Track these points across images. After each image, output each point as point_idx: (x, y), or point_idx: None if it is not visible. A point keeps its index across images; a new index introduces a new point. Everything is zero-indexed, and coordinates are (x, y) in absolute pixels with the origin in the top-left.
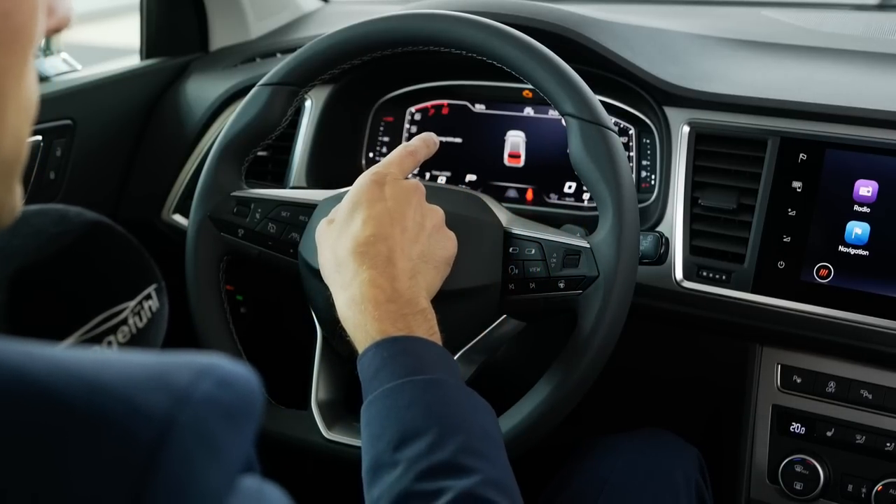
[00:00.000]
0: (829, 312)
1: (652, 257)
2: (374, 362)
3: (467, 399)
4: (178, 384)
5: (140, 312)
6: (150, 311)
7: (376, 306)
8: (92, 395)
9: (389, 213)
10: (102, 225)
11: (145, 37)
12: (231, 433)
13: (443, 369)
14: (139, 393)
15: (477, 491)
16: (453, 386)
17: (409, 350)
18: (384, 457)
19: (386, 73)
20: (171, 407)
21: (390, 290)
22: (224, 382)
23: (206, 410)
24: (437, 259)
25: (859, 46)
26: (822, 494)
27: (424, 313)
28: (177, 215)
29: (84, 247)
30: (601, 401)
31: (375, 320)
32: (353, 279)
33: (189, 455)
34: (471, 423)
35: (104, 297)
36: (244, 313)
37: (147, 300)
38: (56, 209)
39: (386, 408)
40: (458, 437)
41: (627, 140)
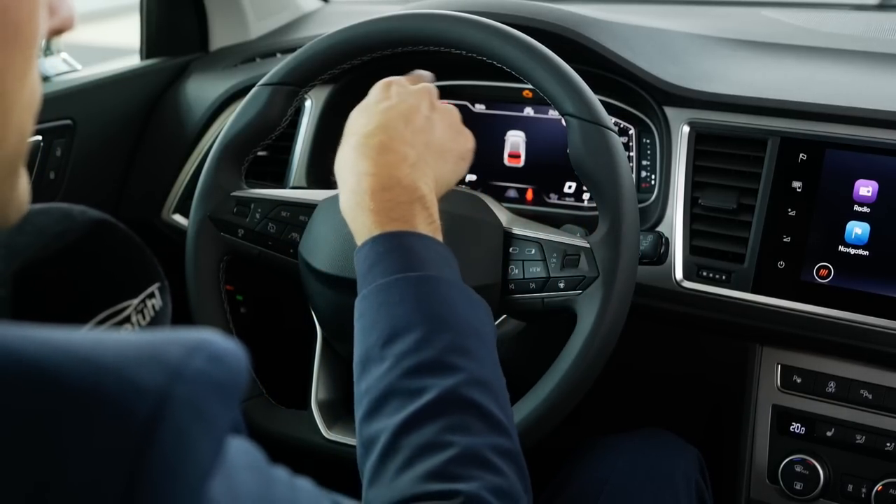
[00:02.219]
0: (829, 312)
1: (652, 257)
2: (370, 257)
3: (460, 296)
4: (171, 360)
5: (143, 311)
6: (154, 309)
7: (372, 196)
8: (86, 372)
9: (393, 107)
10: (106, 223)
11: (145, 37)
12: (222, 406)
13: (438, 265)
14: (133, 369)
15: (459, 390)
16: (447, 282)
17: (405, 245)
18: (373, 351)
19: (386, 73)
20: (165, 382)
21: (386, 178)
22: (215, 357)
23: (199, 385)
24: (448, 151)
25: (859, 46)
26: (822, 494)
27: (423, 201)
28: (177, 215)
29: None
30: (601, 401)
31: (371, 212)
32: (351, 172)
33: (183, 429)
34: (460, 321)
35: (107, 295)
36: (244, 313)
37: (150, 298)
38: (60, 207)
39: (378, 303)
40: (446, 336)
41: (627, 140)
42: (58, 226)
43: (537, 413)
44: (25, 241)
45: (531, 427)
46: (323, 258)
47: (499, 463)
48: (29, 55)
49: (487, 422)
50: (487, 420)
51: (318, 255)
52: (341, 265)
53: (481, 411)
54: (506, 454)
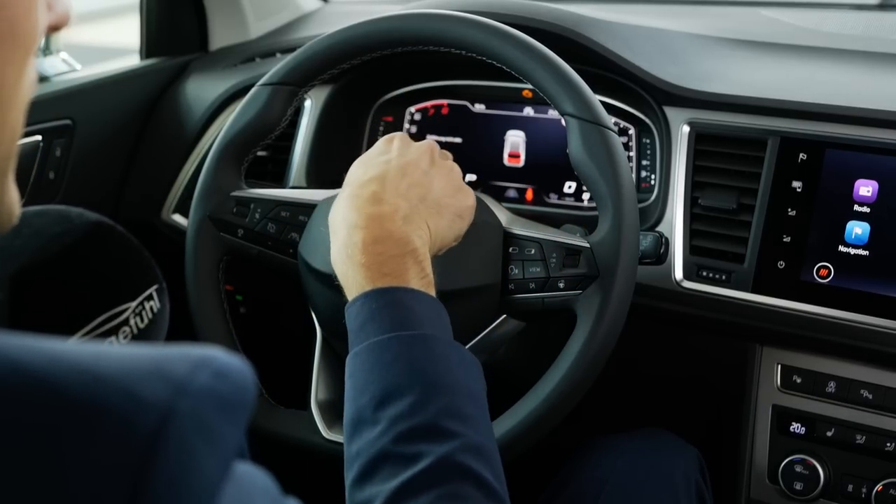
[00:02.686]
0: (829, 312)
1: (652, 257)
2: (362, 313)
3: (454, 355)
4: (176, 375)
5: (141, 313)
6: (152, 311)
7: (363, 249)
8: (90, 386)
9: (391, 160)
10: (104, 225)
11: (145, 37)
12: (227, 423)
13: (431, 323)
14: (138, 383)
15: (455, 457)
16: (441, 342)
17: (398, 302)
18: (365, 413)
19: (386, 73)
20: (169, 397)
21: (377, 230)
22: (220, 373)
23: (203, 401)
24: (445, 207)
25: (859, 46)
26: (822, 494)
27: (416, 254)
28: (176, 215)
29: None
30: (601, 401)
31: (362, 266)
32: (342, 225)
33: (188, 444)
34: (456, 383)
35: (106, 298)
36: (244, 313)
37: (148, 301)
38: (57, 210)
39: (370, 362)
40: (441, 398)
41: (627, 140)
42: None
43: (537, 413)
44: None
45: (531, 427)
46: (323, 258)
47: None
48: (27, 52)
49: (483, 490)
50: (483, 488)
51: (318, 255)
52: None
53: (477, 479)
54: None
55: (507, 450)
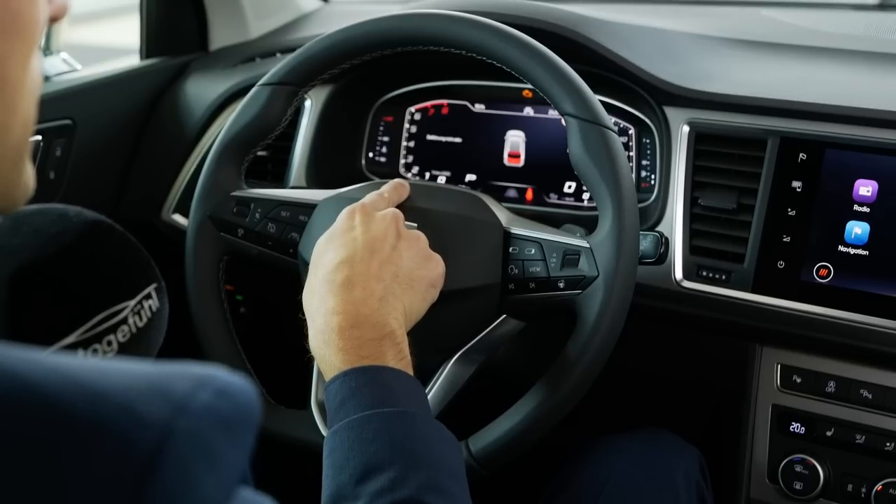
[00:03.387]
0: (829, 312)
1: (652, 257)
2: (342, 392)
3: (434, 433)
4: (176, 393)
5: (140, 312)
6: (151, 310)
7: (340, 334)
8: (91, 402)
9: (357, 239)
10: (102, 224)
11: (145, 37)
12: (229, 444)
13: (411, 401)
14: (138, 401)
15: None
16: (421, 419)
17: (377, 380)
18: (346, 489)
19: (386, 73)
20: (169, 415)
21: (354, 315)
22: (223, 393)
23: (204, 420)
24: (417, 280)
25: (859, 46)
26: (822, 494)
27: (393, 336)
28: (176, 215)
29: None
30: (601, 401)
31: (340, 350)
32: (319, 308)
33: (187, 464)
34: (436, 459)
35: (104, 296)
36: (244, 313)
37: (147, 300)
38: (55, 209)
39: (350, 439)
40: (421, 474)
41: (627, 140)
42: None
43: (537, 413)
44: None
45: (531, 427)
46: None
47: None
48: (31, 43)
49: None
50: None
51: None
52: None
53: None
54: None
55: (507, 450)
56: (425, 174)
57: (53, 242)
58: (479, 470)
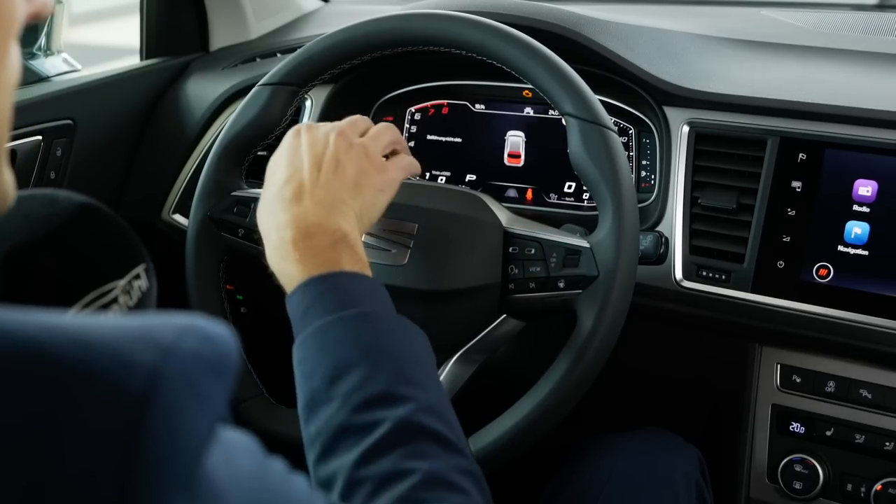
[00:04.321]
0: (829, 312)
1: (652, 257)
2: (303, 302)
3: (398, 328)
4: (162, 340)
5: (130, 291)
6: (140, 290)
7: (294, 246)
8: (82, 351)
9: (302, 154)
10: (90, 207)
11: (145, 37)
12: (214, 385)
13: (371, 301)
14: (127, 348)
15: (413, 419)
16: (383, 317)
17: (336, 286)
18: (319, 394)
19: (386, 73)
20: (158, 360)
21: (305, 226)
22: (205, 338)
23: (191, 363)
24: (365, 186)
25: (859, 46)
26: (822, 494)
27: (346, 240)
28: (177, 215)
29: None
30: (601, 401)
31: (296, 262)
32: (272, 225)
33: (177, 404)
34: (403, 352)
35: (94, 276)
36: (244, 313)
37: (136, 279)
38: (45, 193)
39: (316, 345)
40: (390, 368)
41: (627, 140)
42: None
43: (537, 413)
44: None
45: (531, 427)
46: None
47: (462, 483)
48: (7, 38)
49: (444, 445)
50: (444, 444)
51: None
52: None
53: (437, 436)
54: (467, 474)
55: (507, 450)
56: (425, 174)
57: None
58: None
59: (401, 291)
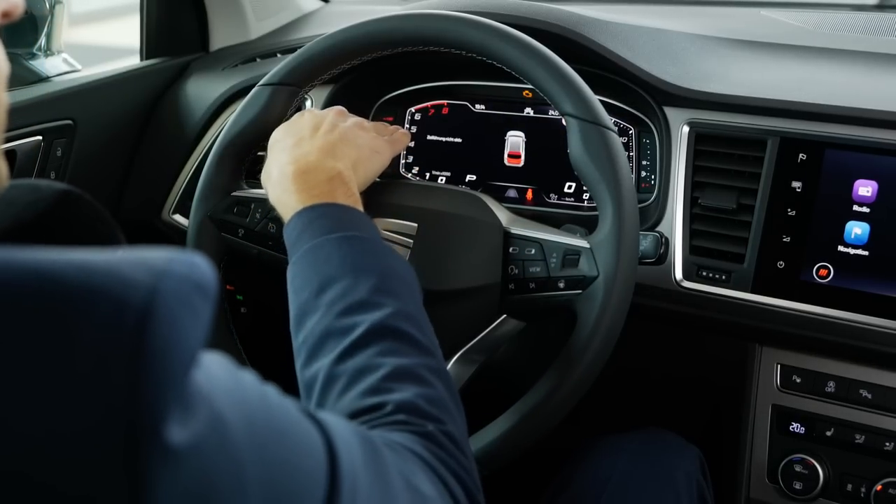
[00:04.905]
0: (829, 312)
1: (652, 257)
2: (297, 227)
3: (381, 250)
4: (156, 264)
5: None
6: None
7: (293, 180)
8: (83, 274)
9: (304, 121)
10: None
11: (145, 37)
12: (204, 302)
13: (361, 227)
14: (125, 270)
15: (388, 322)
16: (368, 239)
17: (328, 213)
18: (308, 304)
19: (386, 73)
20: (154, 278)
21: (303, 164)
22: (192, 264)
23: (183, 282)
24: (362, 145)
25: (859, 46)
26: (822, 494)
27: (341, 177)
28: (177, 215)
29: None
30: (601, 401)
31: (295, 192)
32: (275, 167)
33: (175, 316)
34: (383, 268)
35: None
36: (244, 313)
37: None
38: (27, 181)
39: (307, 263)
40: (371, 280)
41: (627, 140)
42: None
43: (537, 413)
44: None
45: (532, 427)
46: None
47: (429, 377)
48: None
49: (416, 347)
50: (415, 345)
51: None
52: None
53: (409, 338)
54: (435, 371)
55: (507, 450)
56: (425, 174)
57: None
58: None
59: None
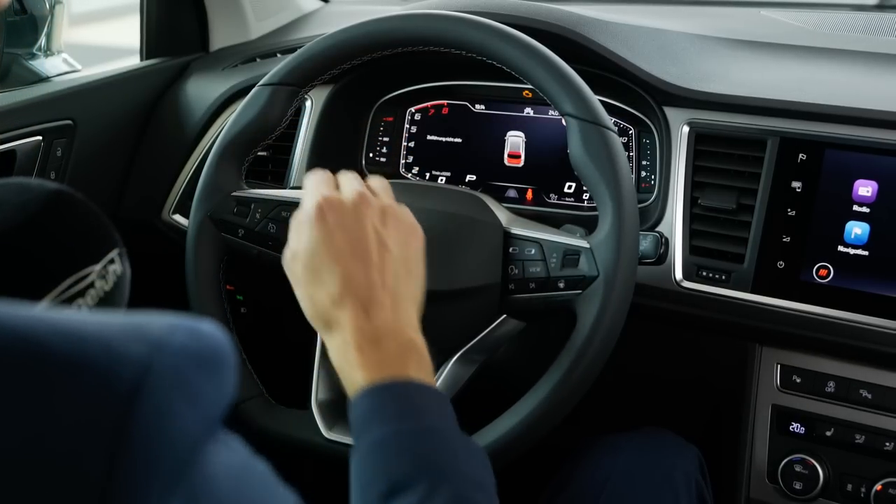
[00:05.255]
0: (829, 312)
1: (652, 257)
2: (365, 410)
3: (460, 446)
4: (152, 335)
5: (105, 276)
6: (115, 274)
7: (360, 352)
8: (72, 344)
9: (341, 248)
10: (63, 193)
11: (145, 37)
12: (206, 380)
13: (435, 414)
14: (118, 341)
15: None
16: (445, 432)
17: (401, 396)
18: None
19: (386, 73)
20: (147, 353)
21: (370, 331)
22: (196, 334)
23: (181, 358)
24: (413, 263)
25: (859, 46)
26: (822, 494)
27: (413, 344)
28: (177, 215)
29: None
30: (601, 401)
31: (361, 367)
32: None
33: (166, 398)
34: (463, 473)
35: (71, 262)
36: (244, 313)
37: (111, 264)
38: (17, 180)
39: (375, 457)
40: (448, 488)
41: (627, 140)
42: (18, 197)
43: (537, 413)
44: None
45: (531, 427)
46: None
47: None
48: None
49: None
50: None
51: None
52: None
53: None
54: None
55: (507, 450)
56: (425, 174)
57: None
58: None
59: None
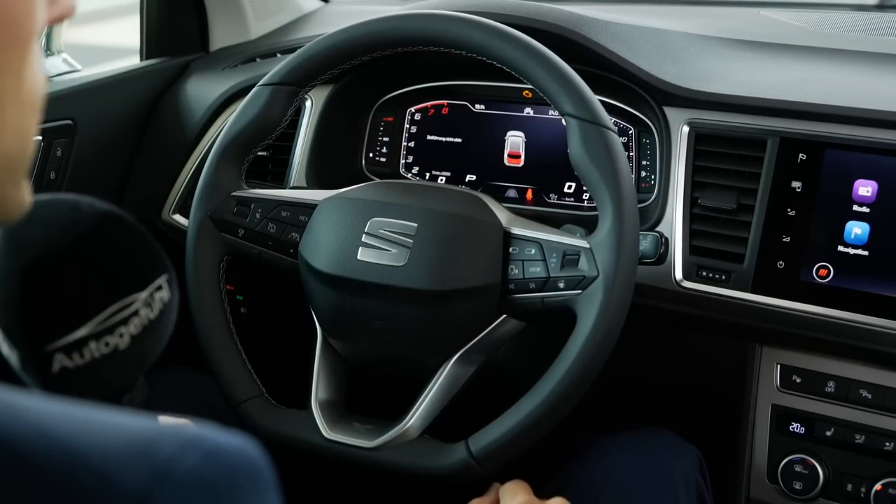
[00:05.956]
0: (829, 312)
1: (652, 257)
2: None
3: None
4: (160, 457)
5: (151, 304)
6: (162, 302)
7: None
8: (69, 464)
9: None
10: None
11: (145, 37)
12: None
13: None
14: (118, 465)
15: None
16: None
17: None
18: None
19: (386, 73)
20: (149, 482)
21: None
22: (212, 456)
23: (187, 487)
24: None
25: (859, 46)
26: (822, 494)
27: None
28: (177, 215)
29: (96, 238)
30: (601, 401)
31: None
32: None
33: None
34: None
35: (116, 288)
36: (244, 313)
37: (158, 291)
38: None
39: None
40: None
41: (627, 140)
42: (65, 218)
43: (537, 413)
44: (33, 234)
45: (531, 427)
46: (323, 258)
47: None
48: (25, 52)
49: None
50: None
51: (319, 254)
52: (341, 265)
53: None
54: None
55: (507, 449)
56: (425, 174)
57: (65, 234)
58: (479, 469)
59: (401, 292)
